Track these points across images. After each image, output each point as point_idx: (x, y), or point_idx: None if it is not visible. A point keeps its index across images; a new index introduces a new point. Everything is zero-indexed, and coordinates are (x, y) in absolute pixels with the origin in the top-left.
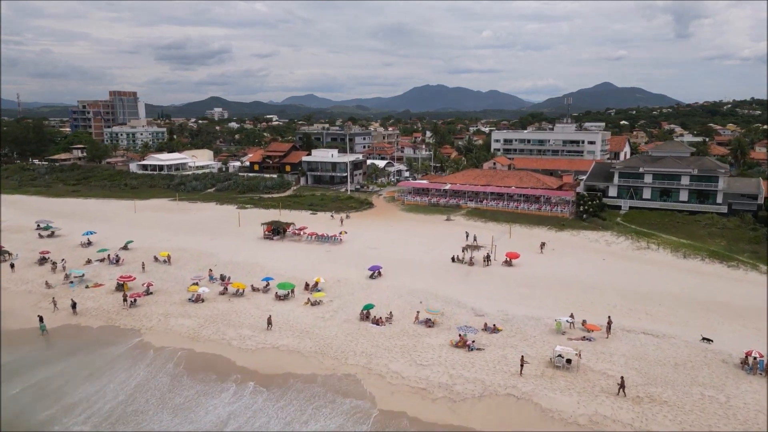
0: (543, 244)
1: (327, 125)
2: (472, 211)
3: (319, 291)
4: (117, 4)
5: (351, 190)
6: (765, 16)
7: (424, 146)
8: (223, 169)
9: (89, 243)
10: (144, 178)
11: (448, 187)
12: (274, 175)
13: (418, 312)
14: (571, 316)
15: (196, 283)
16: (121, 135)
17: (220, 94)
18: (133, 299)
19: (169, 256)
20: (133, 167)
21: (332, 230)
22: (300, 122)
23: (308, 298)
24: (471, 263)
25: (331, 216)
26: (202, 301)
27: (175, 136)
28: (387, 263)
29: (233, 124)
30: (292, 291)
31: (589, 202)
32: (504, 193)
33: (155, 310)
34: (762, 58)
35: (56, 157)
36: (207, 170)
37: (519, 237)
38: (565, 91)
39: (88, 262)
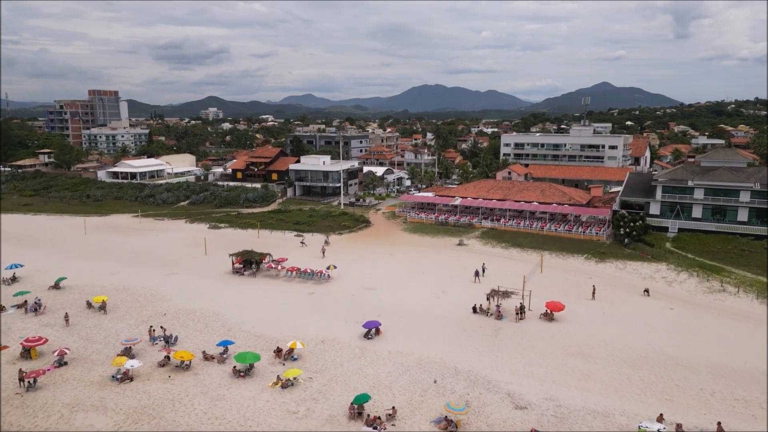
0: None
1: (323, 126)
2: (488, 232)
3: (294, 360)
4: (115, 4)
5: (345, 204)
6: (765, 17)
7: (426, 150)
8: (202, 177)
9: (14, 279)
10: (111, 188)
11: (458, 202)
12: (258, 185)
13: (448, 420)
14: (660, 418)
15: (129, 348)
16: (100, 137)
17: (218, 94)
18: (31, 379)
19: (105, 302)
20: (101, 175)
21: (315, 260)
22: (296, 122)
23: (278, 377)
24: (499, 316)
25: (302, 243)
26: (131, 379)
27: (162, 138)
28: (388, 314)
29: (227, 125)
30: (252, 366)
31: (631, 224)
32: (525, 211)
33: (61, 396)
34: (760, 58)
35: (21, 162)
36: (184, 178)
37: (552, 270)
38: (564, 91)
39: (0, 309)
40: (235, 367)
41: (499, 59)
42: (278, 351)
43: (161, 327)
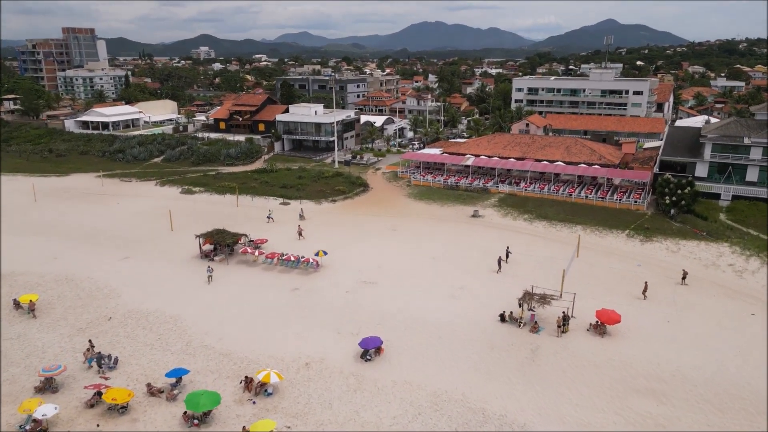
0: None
1: (318, 66)
2: (506, 199)
3: (268, 396)
4: None
5: (340, 162)
6: None
7: (430, 96)
8: (182, 127)
9: None
10: (77, 141)
11: (470, 161)
12: (242, 138)
13: None
14: None
15: (50, 380)
16: (77, 80)
17: (211, 32)
18: None
19: (33, 303)
20: (69, 125)
21: (296, 240)
22: (290, 62)
23: (243, 429)
24: (535, 328)
25: (269, 218)
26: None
27: (149, 80)
28: (391, 322)
29: (217, 65)
30: (206, 413)
31: (678, 191)
32: (548, 172)
33: None
34: None
35: None
36: (162, 129)
37: (589, 253)
38: (567, 29)
39: None
40: (186, 413)
41: None
42: (248, 381)
43: (89, 342)
